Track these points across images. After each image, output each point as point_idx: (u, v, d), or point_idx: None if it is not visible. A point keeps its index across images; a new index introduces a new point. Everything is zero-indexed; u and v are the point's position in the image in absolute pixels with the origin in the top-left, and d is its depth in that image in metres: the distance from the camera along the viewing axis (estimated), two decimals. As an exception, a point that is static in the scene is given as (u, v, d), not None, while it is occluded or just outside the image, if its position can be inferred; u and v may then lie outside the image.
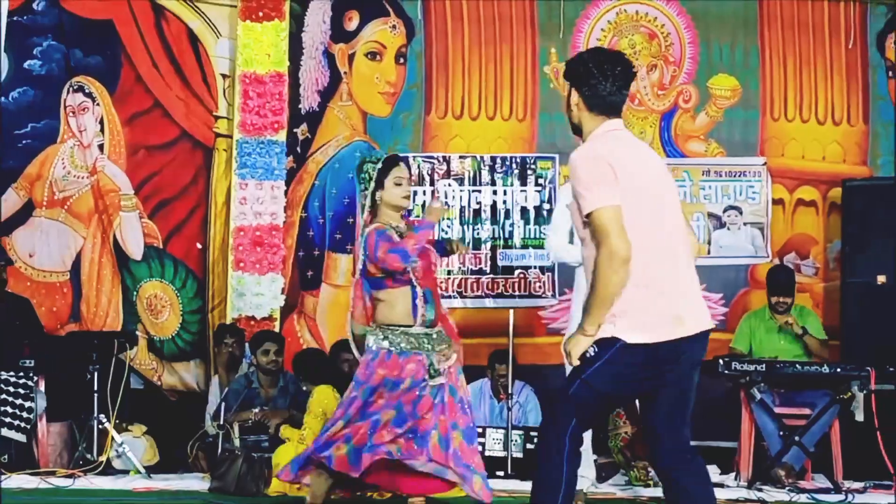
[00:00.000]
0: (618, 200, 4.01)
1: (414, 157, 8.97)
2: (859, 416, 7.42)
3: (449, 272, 8.86)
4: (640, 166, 4.18)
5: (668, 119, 9.39)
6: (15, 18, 8.92)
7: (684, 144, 9.38)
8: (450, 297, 8.89)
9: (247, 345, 8.26)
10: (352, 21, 9.24)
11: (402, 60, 9.30)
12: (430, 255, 5.99)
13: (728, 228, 9.17)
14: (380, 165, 5.89)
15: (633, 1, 9.41)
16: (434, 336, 5.92)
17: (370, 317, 5.92)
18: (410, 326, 5.84)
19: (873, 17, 9.46)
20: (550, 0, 9.32)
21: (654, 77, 9.37)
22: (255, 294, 8.70)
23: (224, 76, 9.10)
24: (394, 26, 9.28)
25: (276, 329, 8.66)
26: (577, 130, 4.34)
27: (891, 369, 7.70)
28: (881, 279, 8.61)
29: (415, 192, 8.94)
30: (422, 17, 9.29)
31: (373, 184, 5.86)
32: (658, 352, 4.06)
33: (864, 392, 7.41)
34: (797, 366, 7.82)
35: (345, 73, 9.22)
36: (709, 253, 9.15)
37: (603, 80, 4.18)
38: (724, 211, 9.24)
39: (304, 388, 7.53)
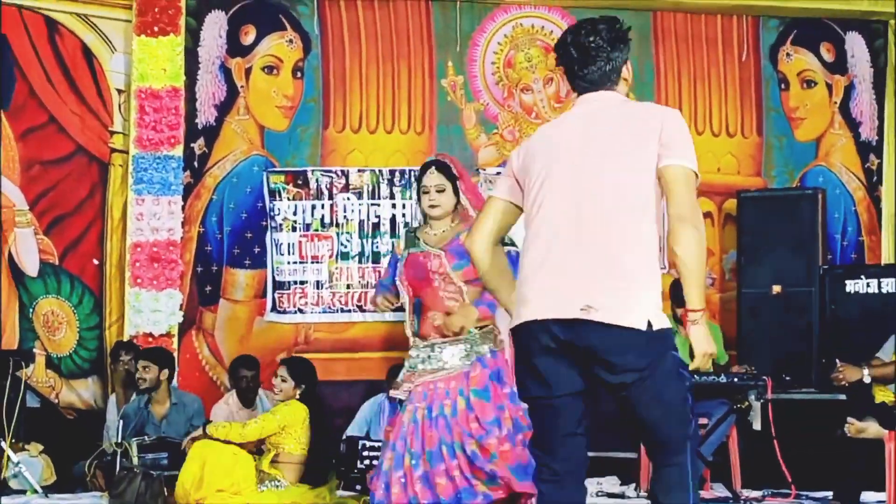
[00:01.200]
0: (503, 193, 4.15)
1: (312, 170, 9.22)
2: (756, 425, 7.56)
3: (349, 286, 9.16)
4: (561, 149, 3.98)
5: (565, 132, 9.71)
6: None
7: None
8: (349, 311, 9.22)
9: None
10: (248, 35, 9.30)
11: (299, 74, 9.38)
12: (425, 263, 5.95)
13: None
14: (417, 173, 6.12)
15: (529, 15, 9.65)
16: (421, 349, 5.94)
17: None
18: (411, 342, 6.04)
19: (766, 31, 9.84)
20: (447, 14, 9.51)
21: (551, 90, 9.62)
22: (152, 310, 8.72)
23: (120, 91, 9.10)
24: (290, 40, 9.36)
25: (175, 345, 8.73)
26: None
27: (787, 378, 8.08)
28: (776, 289, 8.96)
29: (313, 206, 9.29)
30: (319, 31, 9.38)
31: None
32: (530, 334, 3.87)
33: (761, 401, 7.55)
34: (694, 376, 8.10)
35: (242, 87, 9.26)
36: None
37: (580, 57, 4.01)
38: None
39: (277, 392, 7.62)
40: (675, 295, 8.28)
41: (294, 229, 9.20)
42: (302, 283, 9.17)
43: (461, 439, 5.70)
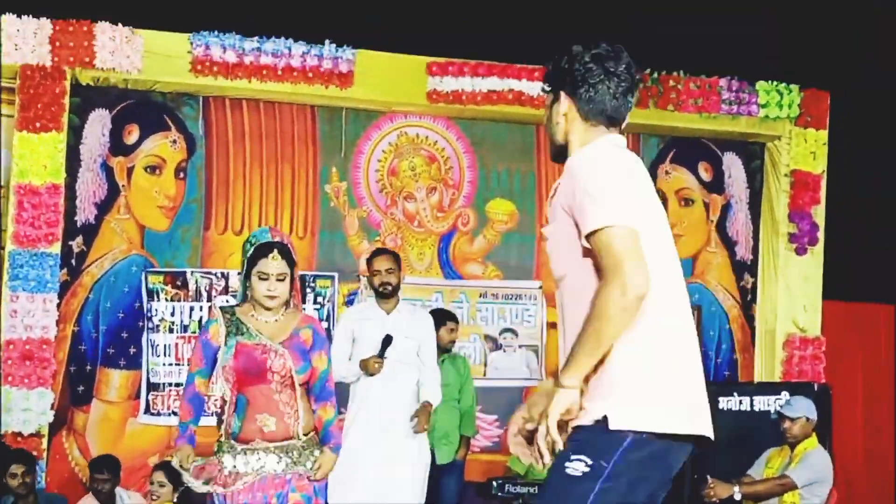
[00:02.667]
0: (636, 223, 3.24)
1: (192, 272, 9.38)
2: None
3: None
4: (655, 202, 3.45)
5: (447, 241, 10.03)
6: None
7: (462, 266, 10.02)
8: (210, 414, 9.28)
9: None
10: (131, 134, 9.44)
11: (182, 175, 9.54)
12: (262, 361, 5.39)
13: (504, 351, 9.91)
14: (251, 251, 5.51)
15: (414, 124, 10.04)
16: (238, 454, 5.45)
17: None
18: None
19: (646, 148, 10.40)
20: (332, 120, 9.82)
21: (434, 199, 10.03)
22: (22, 409, 8.73)
23: None
24: (174, 141, 9.53)
25: (45, 446, 8.77)
26: (560, 154, 3.58)
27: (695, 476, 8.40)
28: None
29: (191, 308, 9.49)
30: (203, 132, 9.60)
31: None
32: (670, 451, 3.27)
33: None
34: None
35: (123, 186, 9.37)
36: (484, 374, 9.91)
37: (606, 80, 3.48)
38: (500, 333, 9.98)
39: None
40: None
41: (171, 330, 9.35)
42: (177, 385, 9.23)
43: None
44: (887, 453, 10.45)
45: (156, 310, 9.37)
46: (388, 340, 7.36)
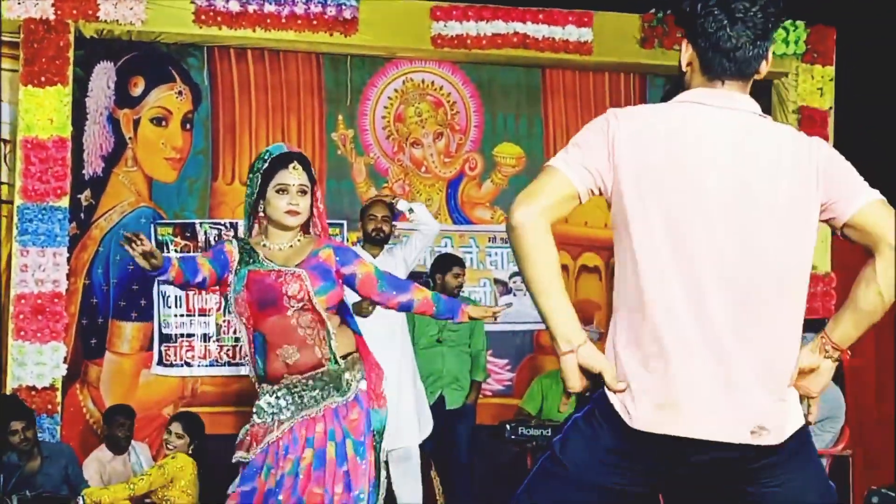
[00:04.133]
0: (573, 171, 3.10)
1: (200, 223, 9.44)
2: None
3: (237, 339, 9.20)
4: (700, 158, 3.05)
5: (455, 186, 10.07)
6: None
7: (471, 211, 10.06)
8: (237, 364, 9.34)
9: None
10: (137, 87, 9.49)
11: (188, 126, 9.58)
12: (277, 286, 4.91)
13: (514, 294, 9.94)
14: (264, 166, 5.03)
15: (419, 70, 10.05)
16: (275, 394, 4.98)
17: None
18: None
19: (652, 89, 10.34)
20: (337, 68, 9.85)
21: (441, 145, 10.06)
22: (36, 363, 8.80)
23: (5, 141, 9.20)
24: (180, 92, 9.57)
25: (59, 399, 8.85)
26: None
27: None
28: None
29: None
30: (208, 83, 9.63)
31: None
32: (636, 442, 3.05)
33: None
34: None
35: (130, 138, 9.42)
36: (495, 319, 9.95)
37: (730, 27, 3.07)
38: (510, 277, 10.01)
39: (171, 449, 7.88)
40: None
41: (182, 282, 9.43)
42: (189, 336, 9.37)
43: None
44: (898, 389, 10.50)
45: (166, 261, 9.38)
46: None
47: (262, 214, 5.08)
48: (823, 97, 10.40)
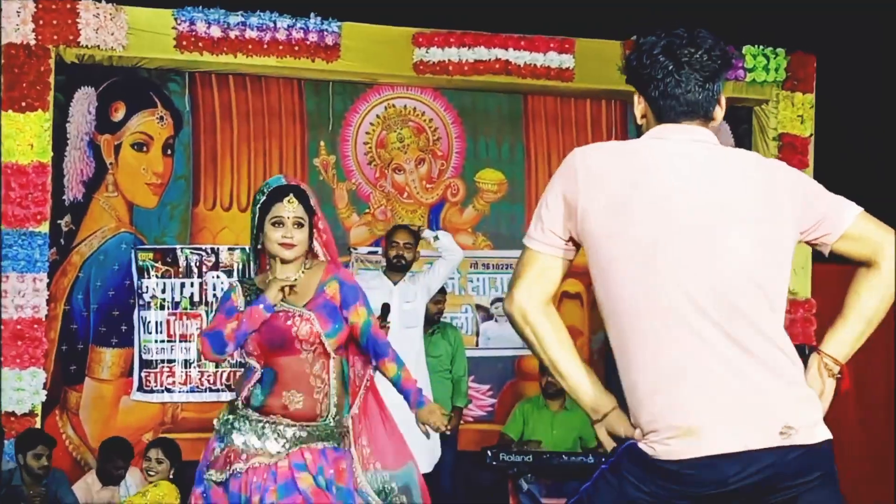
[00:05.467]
0: (542, 244, 3.16)
1: (181, 248, 9.43)
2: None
3: (217, 365, 9.25)
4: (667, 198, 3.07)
5: (437, 212, 10.10)
6: None
7: (452, 237, 10.14)
8: (218, 390, 9.35)
9: (8, 443, 8.36)
10: (118, 112, 9.49)
11: (169, 152, 9.58)
12: (287, 328, 4.92)
13: (496, 320, 9.97)
14: (262, 199, 5.03)
15: (401, 96, 10.09)
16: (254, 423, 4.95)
17: None
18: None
19: (633, 114, 10.52)
20: (319, 94, 9.88)
21: (423, 170, 10.10)
22: (15, 389, 8.76)
23: None
24: (161, 118, 9.58)
25: (38, 425, 8.79)
26: None
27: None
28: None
29: (182, 284, 9.54)
30: (189, 108, 9.64)
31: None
32: (665, 474, 3.03)
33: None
34: (564, 456, 8.35)
35: (110, 163, 9.43)
36: (477, 345, 10.00)
37: (677, 72, 3.17)
38: (492, 303, 10.06)
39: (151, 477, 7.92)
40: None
41: (162, 308, 9.41)
42: (170, 361, 9.35)
43: None
44: (879, 416, 10.55)
45: (146, 287, 9.42)
46: (386, 309, 7.48)
47: (260, 248, 5.09)
48: (804, 124, 10.46)
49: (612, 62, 9.88)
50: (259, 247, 5.09)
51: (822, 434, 3.09)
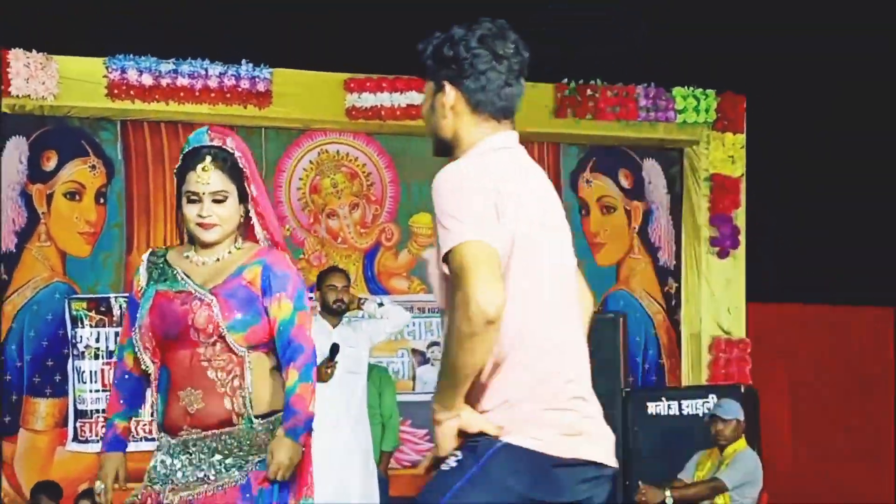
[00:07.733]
0: (491, 238, 3.00)
1: (115, 297, 9.45)
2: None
3: (153, 414, 9.30)
4: (538, 204, 3.17)
5: (371, 257, 10.18)
6: None
7: (388, 281, 10.17)
8: (153, 439, 9.35)
9: None
10: (50, 161, 9.50)
11: (102, 200, 9.60)
12: (182, 313, 3.96)
13: (432, 364, 10.01)
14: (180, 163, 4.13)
15: (334, 141, 10.19)
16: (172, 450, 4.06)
17: None
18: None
19: (566, 157, 10.58)
20: (252, 140, 9.71)
21: (357, 215, 10.18)
22: None
23: None
24: (93, 166, 9.60)
25: None
26: (445, 149, 3.29)
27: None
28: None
29: (116, 333, 9.43)
30: (122, 157, 9.66)
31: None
32: (550, 472, 3.06)
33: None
34: None
35: (43, 213, 9.43)
36: (413, 389, 10.06)
37: (495, 65, 3.18)
38: (428, 347, 10.12)
39: None
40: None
41: (97, 357, 9.42)
42: (105, 411, 9.37)
43: None
44: (815, 453, 10.69)
45: (80, 336, 9.44)
46: (335, 349, 7.62)
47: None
48: (735, 164, 10.64)
49: (543, 105, 10.12)
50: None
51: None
